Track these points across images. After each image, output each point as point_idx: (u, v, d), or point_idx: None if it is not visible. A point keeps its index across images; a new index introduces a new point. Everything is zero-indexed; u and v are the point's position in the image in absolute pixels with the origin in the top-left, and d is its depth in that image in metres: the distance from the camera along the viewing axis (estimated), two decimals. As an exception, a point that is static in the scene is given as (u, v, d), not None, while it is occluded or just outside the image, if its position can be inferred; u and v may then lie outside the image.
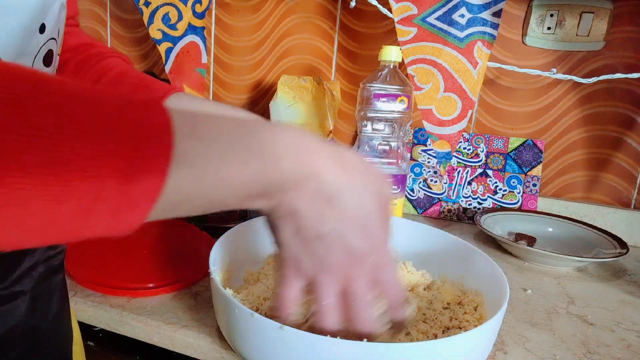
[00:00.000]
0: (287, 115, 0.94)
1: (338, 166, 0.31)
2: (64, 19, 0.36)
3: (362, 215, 0.32)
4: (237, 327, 0.40)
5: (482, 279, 0.50)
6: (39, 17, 0.31)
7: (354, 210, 0.32)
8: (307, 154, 0.30)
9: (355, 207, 0.32)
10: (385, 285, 0.35)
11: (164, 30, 1.01)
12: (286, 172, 0.29)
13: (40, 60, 0.33)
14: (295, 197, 0.31)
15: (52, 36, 0.33)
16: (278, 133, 0.29)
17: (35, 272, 0.39)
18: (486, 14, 0.77)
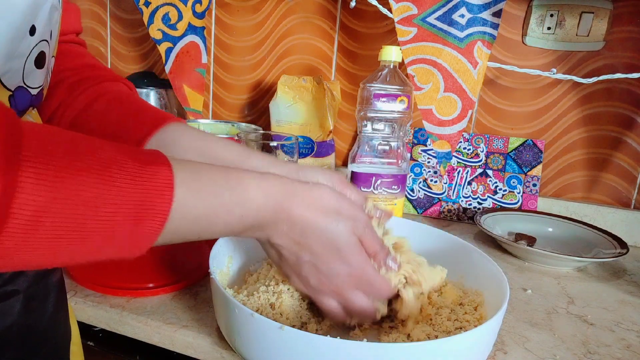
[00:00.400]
0: (287, 115, 0.94)
1: (309, 208, 0.38)
2: (57, 21, 0.36)
3: (334, 247, 0.39)
4: (237, 327, 0.40)
5: (482, 279, 0.50)
6: (29, 19, 0.31)
7: (324, 245, 0.39)
8: (282, 202, 0.37)
9: (326, 242, 0.39)
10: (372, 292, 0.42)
11: (164, 30, 1.01)
12: (265, 217, 0.36)
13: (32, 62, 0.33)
14: (272, 235, 0.39)
15: (43, 38, 0.33)
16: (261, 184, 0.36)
17: (31, 271, 0.38)
18: (486, 14, 0.77)
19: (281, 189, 0.37)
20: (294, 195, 0.37)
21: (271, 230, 0.38)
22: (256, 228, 0.37)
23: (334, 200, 0.40)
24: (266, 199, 0.36)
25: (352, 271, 0.40)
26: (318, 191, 0.39)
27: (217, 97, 1.16)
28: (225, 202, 0.34)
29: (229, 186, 0.34)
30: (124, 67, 1.24)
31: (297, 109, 0.93)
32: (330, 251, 0.39)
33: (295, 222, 0.38)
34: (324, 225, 0.38)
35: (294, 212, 0.37)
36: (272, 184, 0.37)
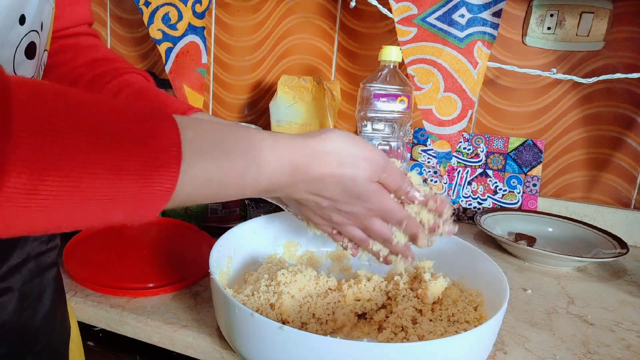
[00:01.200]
0: (287, 115, 0.94)
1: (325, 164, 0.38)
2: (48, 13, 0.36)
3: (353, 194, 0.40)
4: (237, 327, 0.40)
5: (482, 279, 0.50)
6: (18, 8, 0.31)
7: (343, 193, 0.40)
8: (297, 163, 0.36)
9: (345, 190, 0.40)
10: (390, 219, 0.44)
11: (164, 30, 1.01)
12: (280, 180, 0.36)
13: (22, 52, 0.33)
14: (290, 193, 0.39)
15: (33, 28, 0.33)
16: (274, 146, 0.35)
17: (25, 268, 0.38)
18: (486, 14, 0.77)
19: (295, 150, 0.36)
20: (309, 155, 0.37)
21: (288, 190, 0.38)
22: (271, 191, 0.37)
23: (349, 148, 0.39)
24: (280, 162, 0.35)
25: (372, 206, 0.42)
26: (331, 143, 0.38)
27: (217, 97, 1.16)
28: (237, 165, 0.32)
29: (240, 148, 0.33)
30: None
31: (297, 109, 0.93)
32: (350, 196, 0.40)
33: (313, 179, 0.38)
34: (342, 176, 0.38)
35: (310, 172, 0.37)
36: (284, 145, 0.36)
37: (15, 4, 0.30)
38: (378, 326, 0.47)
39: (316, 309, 0.46)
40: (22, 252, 0.38)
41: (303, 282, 0.48)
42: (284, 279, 0.47)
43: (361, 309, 0.48)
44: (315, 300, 0.47)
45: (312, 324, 0.45)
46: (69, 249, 0.60)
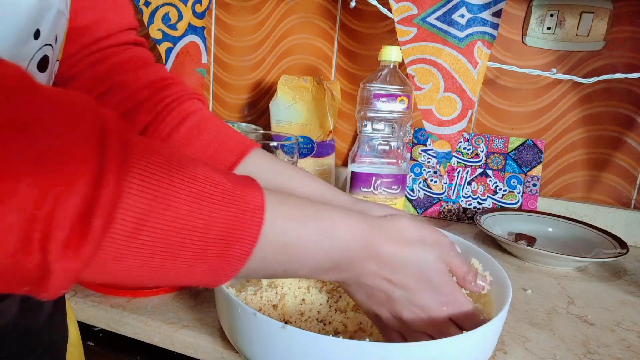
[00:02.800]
0: (287, 115, 0.94)
1: (395, 243, 0.37)
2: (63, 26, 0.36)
3: (425, 278, 0.38)
4: (240, 327, 0.40)
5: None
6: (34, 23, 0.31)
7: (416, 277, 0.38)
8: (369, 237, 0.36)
9: (417, 274, 0.38)
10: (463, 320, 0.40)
11: (164, 30, 1.01)
12: (352, 253, 0.35)
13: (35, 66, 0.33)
14: (360, 275, 0.37)
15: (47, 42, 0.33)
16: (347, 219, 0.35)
17: None
18: (486, 14, 0.77)
19: (367, 226, 0.36)
20: (379, 231, 0.37)
21: (359, 269, 0.37)
22: (343, 266, 0.36)
23: (417, 230, 0.39)
24: (352, 233, 0.35)
25: (445, 299, 0.39)
26: (400, 222, 0.39)
27: (217, 97, 1.16)
28: (313, 232, 0.33)
29: (317, 217, 0.34)
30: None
31: (297, 109, 0.93)
32: (422, 282, 0.38)
33: (384, 258, 0.37)
34: (413, 257, 0.38)
35: (381, 249, 0.37)
36: (357, 220, 0.36)
37: (32, 20, 0.30)
38: None
39: (319, 309, 0.46)
40: None
41: (306, 281, 0.48)
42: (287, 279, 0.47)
43: None
44: (318, 299, 0.47)
45: (314, 324, 0.45)
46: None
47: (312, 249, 0.33)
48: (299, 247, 0.32)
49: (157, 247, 0.25)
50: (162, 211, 0.24)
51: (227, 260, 0.28)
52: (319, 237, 0.33)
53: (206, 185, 0.27)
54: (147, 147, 0.25)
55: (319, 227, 0.34)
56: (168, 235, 0.25)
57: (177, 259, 0.26)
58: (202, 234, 0.26)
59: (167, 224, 0.25)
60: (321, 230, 0.34)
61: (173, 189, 0.25)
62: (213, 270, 0.28)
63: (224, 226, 0.27)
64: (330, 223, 0.34)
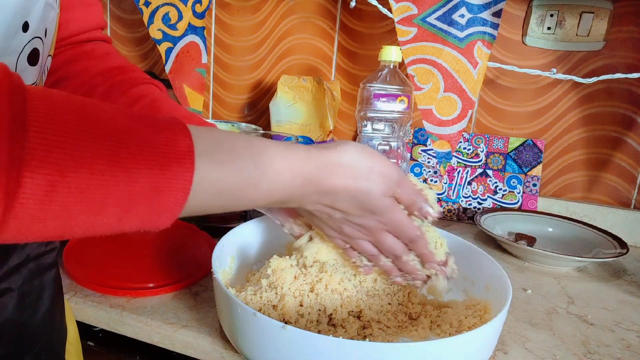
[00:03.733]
0: (287, 115, 0.94)
1: (338, 176, 0.37)
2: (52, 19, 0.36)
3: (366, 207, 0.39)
4: (240, 326, 0.40)
5: (484, 279, 0.50)
6: (22, 15, 0.31)
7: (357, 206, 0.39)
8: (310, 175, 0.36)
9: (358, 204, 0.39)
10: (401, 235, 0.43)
11: (164, 30, 1.01)
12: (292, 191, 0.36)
13: (25, 59, 0.33)
14: (302, 204, 0.39)
15: (36, 35, 0.33)
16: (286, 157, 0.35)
17: (25, 269, 0.38)
18: (486, 14, 0.77)
19: (308, 161, 0.36)
20: (322, 166, 0.36)
21: (300, 201, 0.38)
22: (284, 202, 0.37)
23: (364, 161, 0.38)
24: (292, 173, 0.35)
25: (384, 220, 0.41)
26: (347, 155, 0.38)
27: (217, 97, 1.16)
28: (250, 176, 0.32)
29: (252, 159, 0.32)
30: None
31: (297, 109, 0.93)
32: (362, 209, 0.39)
33: (326, 191, 0.37)
34: (356, 190, 0.38)
35: (323, 184, 0.37)
36: (298, 157, 0.35)
37: (19, 11, 0.30)
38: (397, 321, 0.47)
39: (319, 309, 0.46)
40: (21, 253, 0.38)
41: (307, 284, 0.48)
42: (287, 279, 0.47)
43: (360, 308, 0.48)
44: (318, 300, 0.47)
45: (314, 324, 0.45)
46: (69, 249, 0.60)
47: (250, 193, 0.33)
48: (236, 192, 0.32)
49: (78, 206, 0.24)
50: (75, 170, 0.23)
51: (160, 210, 0.27)
52: (257, 180, 0.33)
53: (123, 135, 0.25)
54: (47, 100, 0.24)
55: (257, 170, 0.33)
56: (87, 194, 0.24)
57: (104, 214, 0.25)
58: (126, 187, 0.25)
59: (84, 182, 0.23)
60: (259, 173, 0.33)
61: (84, 144, 0.23)
62: (147, 220, 0.27)
63: (150, 178, 0.26)
64: (269, 165, 0.33)
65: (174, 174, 0.27)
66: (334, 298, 0.46)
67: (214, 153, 0.30)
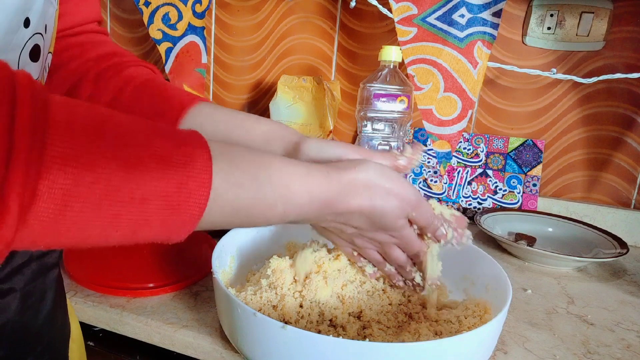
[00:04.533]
0: (287, 115, 0.94)
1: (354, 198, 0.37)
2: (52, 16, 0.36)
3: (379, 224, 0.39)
4: (240, 326, 0.40)
5: (484, 279, 0.50)
6: (23, 11, 0.31)
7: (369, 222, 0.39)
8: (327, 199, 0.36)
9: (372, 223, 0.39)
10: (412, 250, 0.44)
11: (164, 30, 1.01)
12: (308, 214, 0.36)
13: (27, 55, 0.33)
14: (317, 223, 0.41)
15: (37, 31, 0.33)
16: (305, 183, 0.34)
17: (28, 269, 0.38)
18: (486, 14, 0.77)
19: (327, 185, 0.35)
20: (341, 189, 0.36)
21: (315, 221, 0.39)
22: (298, 222, 0.37)
23: (381, 178, 0.38)
24: (310, 197, 0.35)
25: (395, 234, 0.41)
26: (366, 175, 0.37)
27: (217, 97, 1.16)
28: (266, 198, 0.32)
29: (270, 181, 0.32)
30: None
31: (297, 109, 0.93)
32: (375, 227, 0.40)
33: (341, 212, 0.37)
34: (371, 211, 0.38)
35: (339, 206, 0.37)
36: (317, 180, 0.35)
37: (20, 7, 0.30)
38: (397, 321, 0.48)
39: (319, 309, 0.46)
40: (24, 253, 0.38)
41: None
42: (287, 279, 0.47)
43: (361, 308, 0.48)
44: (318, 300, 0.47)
45: (314, 324, 0.45)
46: (69, 249, 0.60)
47: (266, 213, 0.33)
48: (251, 211, 0.32)
49: (92, 219, 0.24)
50: (90, 185, 0.23)
51: (174, 226, 0.27)
52: (274, 202, 0.33)
53: (141, 150, 0.25)
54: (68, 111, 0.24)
55: (274, 192, 0.33)
56: (101, 209, 0.24)
57: (118, 228, 0.25)
58: (141, 204, 0.25)
59: (98, 197, 0.23)
60: (276, 196, 0.33)
61: (101, 159, 0.23)
62: (161, 234, 0.28)
63: (166, 195, 0.26)
64: (287, 188, 0.33)
65: (190, 192, 0.27)
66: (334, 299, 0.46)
67: (232, 172, 0.30)
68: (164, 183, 0.26)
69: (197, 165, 0.27)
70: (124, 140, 0.25)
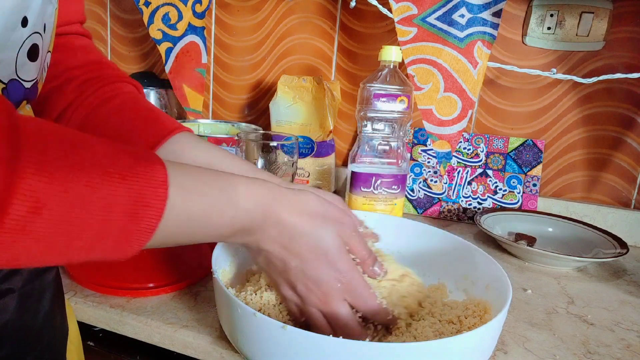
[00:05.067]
0: (287, 115, 0.94)
1: (296, 213, 0.39)
2: (51, 14, 0.36)
3: (321, 251, 0.39)
4: (240, 326, 0.40)
5: (484, 279, 0.50)
6: (20, 10, 0.31)
7: (312, 249, 0.39)
8: (271, 205, 0.37)
9: (313, 246, 0.39)
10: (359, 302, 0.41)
11: (164, 30, 1.01)
12: (254, 220, 0.37)
13: (25, 54, 0.33)
14: (260, 239, 0.39)
15: (35, 30, 0.33)
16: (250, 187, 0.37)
17: (25, 270, 0.39)
18: (486, 14, 0.77)
19: (269, 193, 0.38)
20: (281, 200, 0.38)
21: (260, 235, 0.38)
22: (245, 232, 0.37)
23: (320, 205, 0.40)
24: (254, 202, 0.37)
25: (340, 277, 0.40)
26: (304, 196, 0.40)
27: (217, 97, 1.16)
28: (216, 203, 0.34)
29: (218, 187, 0.35)
30: (124, 67, 1.24)
31: (297, 109, 0.93)
32: (317, 255, 0.39)
33: (284, 226, 0.38)
34: (311, 230, 0.39)
35: (282, 216, 0.38)
36: (259, 187, 0.38)
37: (18, 6, 0.30)
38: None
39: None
40: None
41: None
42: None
43: None
44: None
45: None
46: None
47: (216, 220, 0.34)
48: (203, 219, 0.33)
49: (59, 229, 0.25)
50: (61, 193, 0.24)
51: (132, 236, 0.29)
52: (223, 207, 0.34)
53: (106, 163, 0.27)
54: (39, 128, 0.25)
55: (222, 197, 0.34)
56: (69, 218, 0.25)
57: (82, 238, 0.26)
58: (105, 212, 0.26)
59: (67, 207, 0.24)
60: (224, 200, 0.35)
61: (71, 169, 0.25)
62: (119, 245, 0.29)
63: (127, 203, 0.27)
64: (233, 193, 0.35)
65: (149, 201, 0.29)
66: None
67: (185, 182, 0.32)
68: (125, 193, 0.27)
69: (155, 175, 0.29)
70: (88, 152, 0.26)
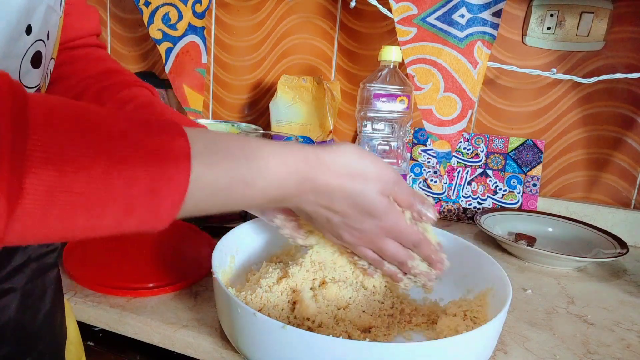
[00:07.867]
0: (287, 115, 0.94)
1: (335, 175, 0.37)
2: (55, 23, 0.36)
3: (365, 210, 0.39)
4: (239, 326, 0.40)
5: (485, 279, 0.50)
6: (25, 19, 0.31)
7: (355, 207, 0.39)
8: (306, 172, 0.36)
9: (356, 205, 0.39)
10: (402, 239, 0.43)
11: (164, 30, 1.01)
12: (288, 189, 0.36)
13: (28, 62, 0.33)
14: (299, 203, 0.39)
15: (39, 38, 0.33)
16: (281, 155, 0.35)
17: (27, 269, 0.39)
18: (486, 14, 0.77)
19: (303, 159, 0.36)
20: (317, 165, 0.36)
21: (297, 200, 0.38)
22: (280, 200, 0.36)
23: (360, 161, 0.38)
24: (288, 171, 0.35)
25: (383, 224, 0.41)
26: (342, 154, 0.38)
27: (217, 97, 1.16)
28: (244, 174, 0.32)
29: (246, 158, 0.33)
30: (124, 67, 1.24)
31: (297, 109, 0.93)
32: (360, 212, 0.39)
33: (322, 190, 0.37)
34: (352, 190, 0.38)
35: (319, 182, 0.36)
36: (292, 154, 0.35)
37: (22, 15, 0.30)
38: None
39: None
40: (24, 253, 0.38)
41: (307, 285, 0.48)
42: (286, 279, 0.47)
43: None
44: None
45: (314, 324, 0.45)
46: (69, 249, 0.60)
47: (247, 191, 0.33)
48: (232, 190, 0.32)
49: (78, 209, 0.24)
50: (74, 174, 0.23)
51: (157, 212, 0.28)
52: (252, 179, 0.33)
53: (120, 138, 0.26)
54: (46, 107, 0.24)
55: (251, 168, 0.33)
56: (86, 197, 0.24)
57: (103, 217, 0.26)
58: (124, 191, 0.25)
59: (83, 186, 0.24)
60: (254, 171, 0.33)
61: (82, 149, 0.24)
62: (146, 221, 0.28)
63: (147, 181, 0.26)
64: (264, 163, 0.33)
65: (171, 176, 0.27)
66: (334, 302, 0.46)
67: (209, 153, 0.30)
68: (145, 170, 0.26)
69: (176, 150, 0.28)
70: (103, 131, 0.25)
